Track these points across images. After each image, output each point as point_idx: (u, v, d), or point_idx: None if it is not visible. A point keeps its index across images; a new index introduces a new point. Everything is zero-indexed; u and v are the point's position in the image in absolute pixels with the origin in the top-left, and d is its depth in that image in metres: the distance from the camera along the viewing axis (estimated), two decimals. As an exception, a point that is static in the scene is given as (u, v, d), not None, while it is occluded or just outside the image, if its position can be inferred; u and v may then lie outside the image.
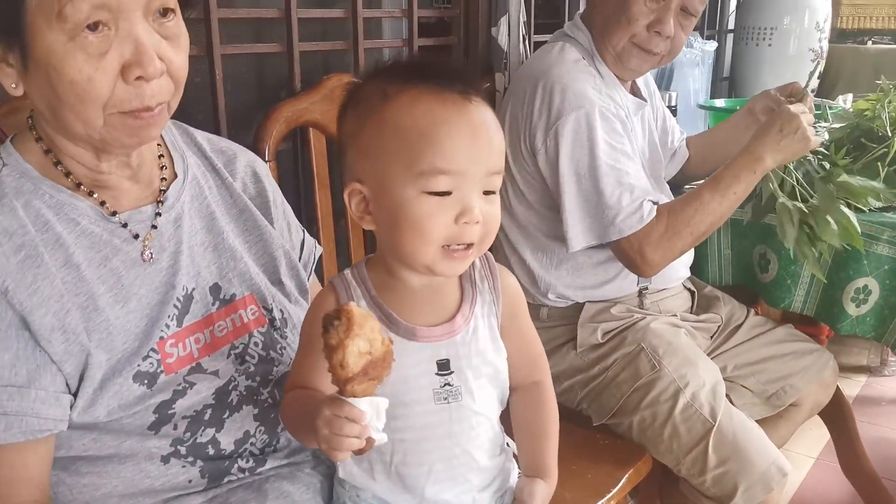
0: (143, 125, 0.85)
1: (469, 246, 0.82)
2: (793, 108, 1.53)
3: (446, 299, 0.90)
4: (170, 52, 0.84)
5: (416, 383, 0.85)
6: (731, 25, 3.09)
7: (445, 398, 0.86)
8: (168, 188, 0.97)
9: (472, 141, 0.80)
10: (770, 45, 2.82)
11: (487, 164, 0.81)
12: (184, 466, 0.91)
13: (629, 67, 1.61)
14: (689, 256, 1.75)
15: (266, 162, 1.33)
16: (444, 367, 0.86)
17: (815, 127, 1.57)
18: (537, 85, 1.54)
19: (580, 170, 1.50)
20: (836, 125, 1.98)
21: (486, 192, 0.83)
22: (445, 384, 0.86)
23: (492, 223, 0.83)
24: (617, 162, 1.50)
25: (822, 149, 1.79)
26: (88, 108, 0.81)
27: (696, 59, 2.43)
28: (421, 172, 0.79)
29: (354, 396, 0.73)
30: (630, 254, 1.49)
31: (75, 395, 0.85)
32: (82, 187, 0.90)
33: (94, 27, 0.78)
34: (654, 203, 1.50)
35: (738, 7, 3.05)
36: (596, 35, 1.61)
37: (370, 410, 0.74)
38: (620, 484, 1.37)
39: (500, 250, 1.70)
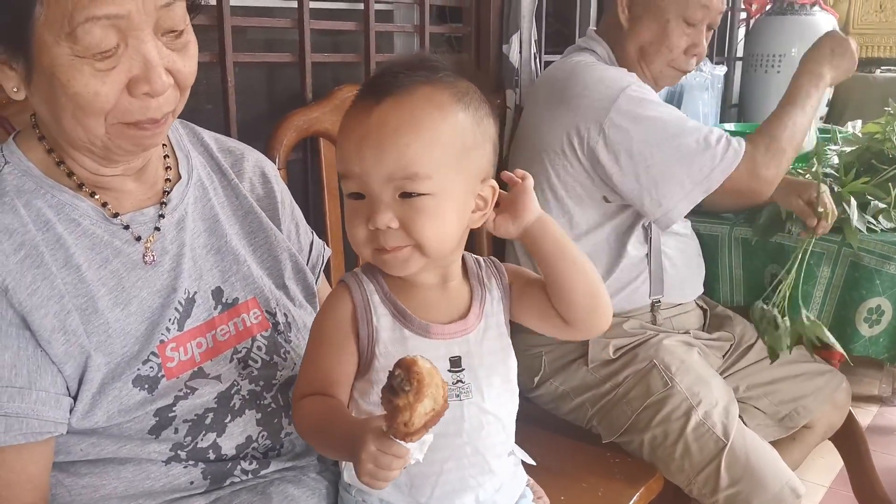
0: (147, 135, 0.85)
1: (397, 248, 0.81)
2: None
3: (457, 297, 0.89)
4: (178, 63, 0.83)
5: None
6: (739, 53, 3.11)
7: (458, 395, 0.85)
8: (172, 189, 0.96)
9: (359, 145, 0.80)
10: (779, 72, 2.83)
11: (381, 167, 0.79)
12: (185, 468, 0.89)
13: (661, 85, 1.72)
14: (701, 271, 1.74)
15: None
16: (456, 364, 0.86)
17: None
18: (570, 85, 1.56)
19: (654, 138, 1.50)
20: (846, 149, 1.98)
21: (405, 195, 0.80)
22: (457, 381, 0.85)
23: (417, 226, 0.80)
24: (678, 116, 1.54)
25: (832, 171, 1.79)
26: (90, 118, 0.80)
27: (705, 82, 2.43)
28: (339, 174, 0.84)
29: (407, 443, 0.72)
30: (744, 182, 1.52)
31: (74, 398, 0.84)
32: (84, 188, 0.88)
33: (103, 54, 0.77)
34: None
35: (746, 35, 3.08)
36: (629, 58, 1.65)
37: (416, 448, 0.73)
38: (632, 502, 1.35)
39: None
